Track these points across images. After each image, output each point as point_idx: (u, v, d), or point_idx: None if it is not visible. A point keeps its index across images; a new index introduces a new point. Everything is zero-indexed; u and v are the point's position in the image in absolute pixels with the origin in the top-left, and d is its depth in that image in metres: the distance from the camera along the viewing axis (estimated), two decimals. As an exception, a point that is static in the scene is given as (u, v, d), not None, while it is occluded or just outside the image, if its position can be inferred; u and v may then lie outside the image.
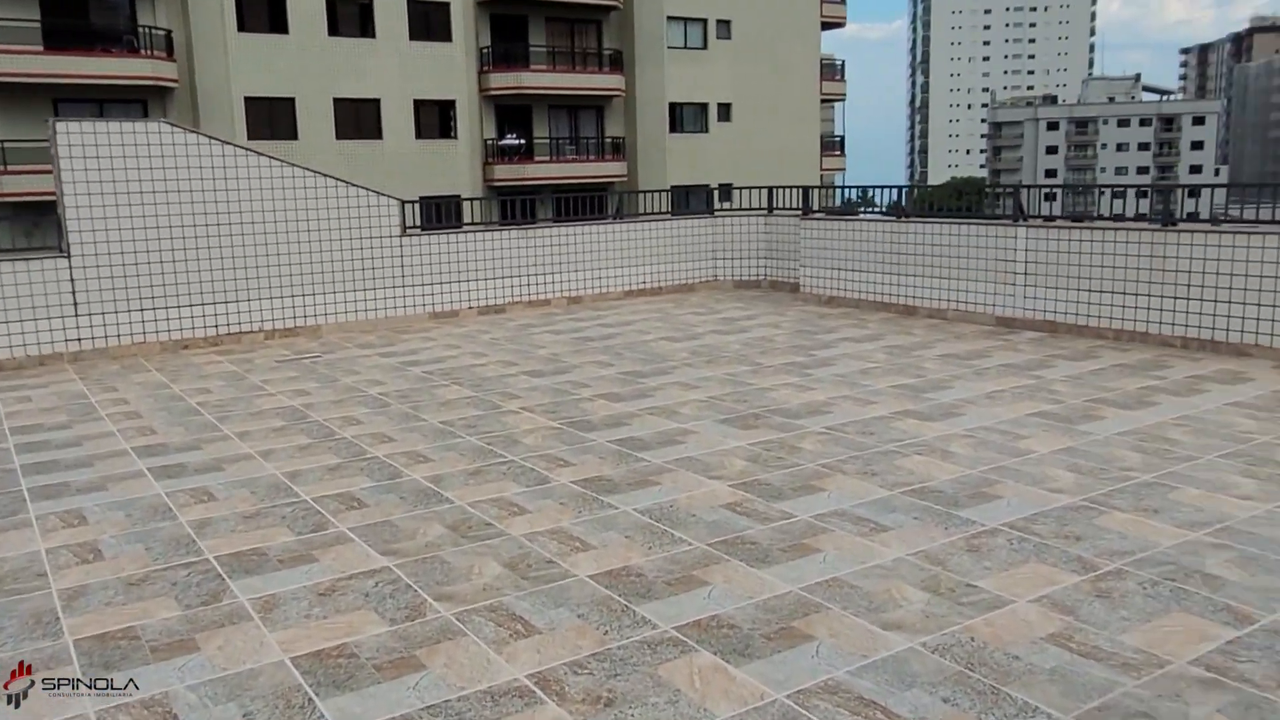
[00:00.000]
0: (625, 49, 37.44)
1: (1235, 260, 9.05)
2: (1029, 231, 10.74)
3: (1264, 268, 8.86)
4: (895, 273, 12.26)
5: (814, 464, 6.32)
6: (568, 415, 7.80)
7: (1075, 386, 8.20)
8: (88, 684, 3.75)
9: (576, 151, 38.27)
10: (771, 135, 40.09)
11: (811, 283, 13.54)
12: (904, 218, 12.23)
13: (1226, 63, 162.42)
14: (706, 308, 13.41)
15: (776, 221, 14.87)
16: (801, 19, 40.59)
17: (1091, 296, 10.22)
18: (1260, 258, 8.88)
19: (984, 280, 11.25)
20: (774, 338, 11.01)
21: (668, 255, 14.87)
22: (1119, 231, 9.92)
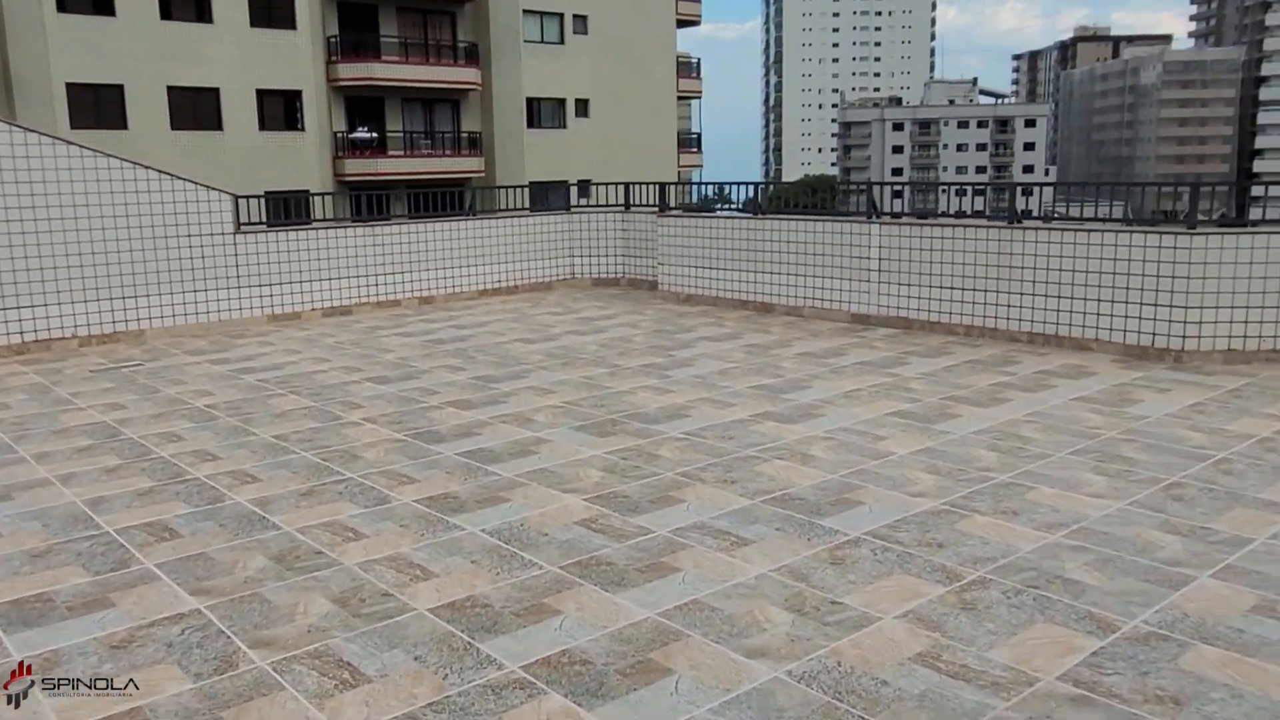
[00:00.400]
0: (481, 42, 36.63)
1: (1076, 257, 9.31)
2: (882, 229, 10.82)
3: (1102, 264, 9.13)
4: (752, 270, 12.19)
5: (673, 472, 6.04)
6: (414, 426, 7.30)
7: (931, 384, 8.23)
8: (88, 684, 3.69)
9: (432, 146, 37.23)
10: (629, 131, 40.03)
11: (670, 280, 13.36)
12: (760, 215, 12.17)
13: (1054, 69, 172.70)
14: (564, 307, 13.04)
15: (634, 218, 14.63)
16: (657, 16, 40.69)
17: (943, 293, 10.36)
18: (1099, 254, 9.15)
19: (839, 277, 11.28)
20: (632, 338, 10.74)
21: (524, 253, 14.42)
22: (968, 229, 10.09)
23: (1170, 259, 8.70)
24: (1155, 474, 5.82)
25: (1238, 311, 8.59)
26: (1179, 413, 7.18)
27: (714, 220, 12.65)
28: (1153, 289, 8.84)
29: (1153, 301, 8.85)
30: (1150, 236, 8.81)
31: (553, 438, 6.88)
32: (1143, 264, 8.87)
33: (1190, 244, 8.58)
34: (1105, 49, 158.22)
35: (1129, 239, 8.95)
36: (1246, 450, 6.25)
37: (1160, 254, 8.75)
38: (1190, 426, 6.82)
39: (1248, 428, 6.75)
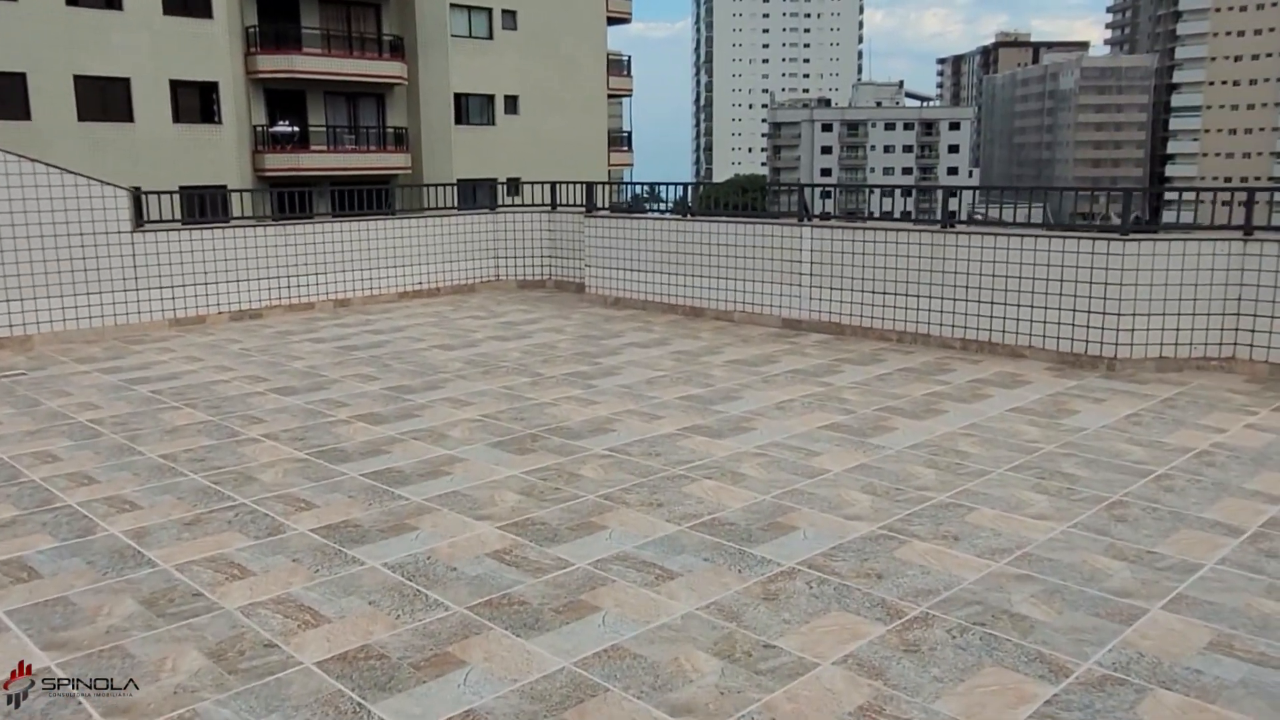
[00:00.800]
0: (407, 35, 35.77)
1: (1009, 262, 9.15)
2: (814, 232, 10.56)
3: (1035, 269, 8.98)
4: (682, 273, 11.85)
5: (595, 494, 5.64)
6: (318, 443, 6.77)
7: (864, 394, 7.96)
8: (88, 684, 3.65)
9: (356, 141, 36.27)
10: (559, 129, 39.54)
11: (597, 283, 12.95)
12: (689, 216, 11.83)
13: (977, 73, 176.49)
14: (487, 310, 12.54)
15: (560, 219, 14.18)
16: (587, 12, 40.23)
17: (875, 298, 10.14)
18: (1031, 259, 9.00)
19: (770, 281, 11.00)
20: (557, 344, 10.30)
21: (447, 254, 13.88)
22: (900, 233, 9.87)
23: (1103, 265, 8.57)
24: (1097, 491, 5.60)
25: (1169, 319, 8.50)
26: (1116, 424, 7.01)
27: (642, 221, 12.28)
28: (1085, 295, 8.71)
29: (1085, 308, 8.72)
30: (1083, 242, 8.68)
31: (468, 455, 6.42)
32: (1075, 269, 8.74)
33: (1123, 249, 8.46)
34: (1026, 54, 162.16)
35: (1061, 244, 8.81)
36: (1185, 465, 6.07)
37: (1093, 260, 8.62)
38: (1128, 439, 6.64)
39: (1185, 440, 6.60)
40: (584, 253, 13.19)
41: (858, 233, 10.17)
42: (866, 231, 10.10)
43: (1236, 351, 8.47)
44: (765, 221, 11.02)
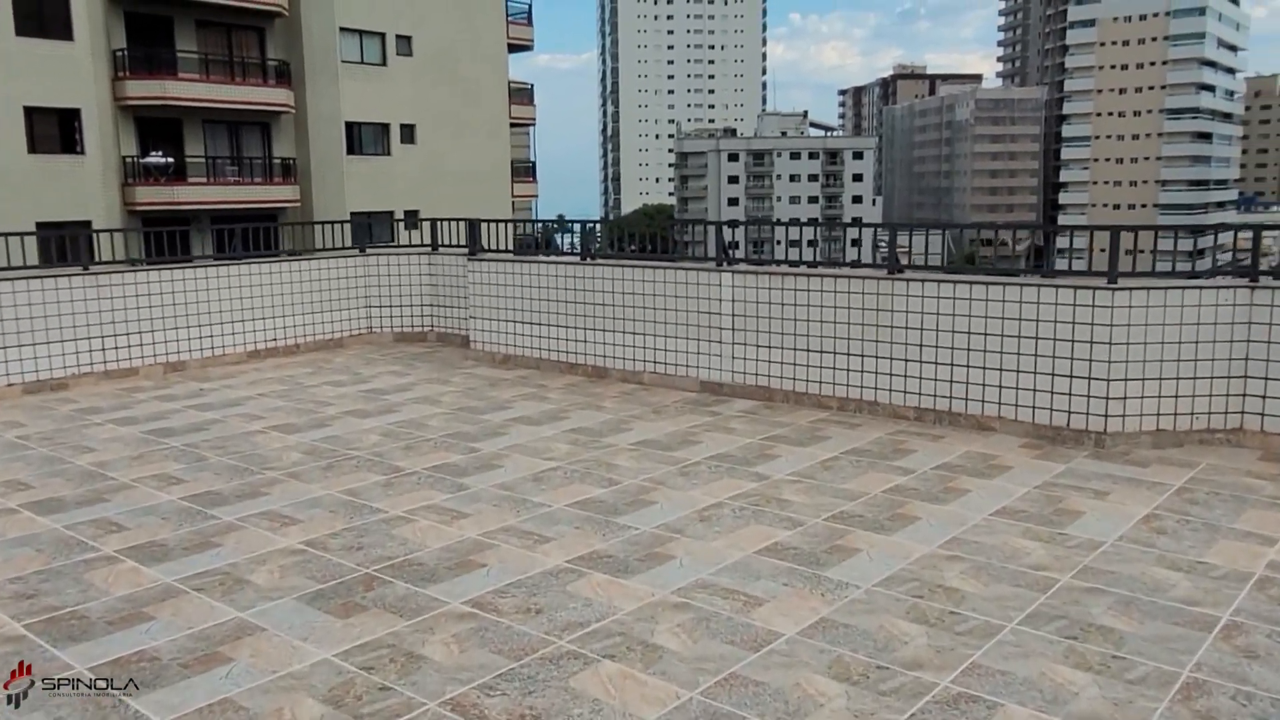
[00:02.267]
0: (294, 61, 33.51)
1: (972, 315, 7.60)
2: (735, 278, 8.89)
3: (1004, 325, 7.45)
4: (582, 327, 10.06)
5: (437, 700, 3.76)
6: (51, 602, 4.73)
7: (810, 493, 6.25)
8: (88, 684, 3.72)
9: (240, 173, 33.79)
10: (460, 159, 37.71)
11: (484, 338, 11.06)
12: (589, 260, 10.05)
13: (877, 104, 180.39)
14: (351, 374, 10.53)
15: (443, 261, 12.27)
16: (487, 39, 38.51)
17: (810, 358, 8.50)
18: (999, 313, 7.47)
19: (686, 337, 9.28)
20: (428, 421, 8.37)
21: (310, 303, 11.82)
22: (839, 279, 8.26)
23: (1086, 319, 7.07)
24: (1156, 661, 3.96)
25: (1166, 384, 7.04)
26: (1135, 534, 5.43)
27: (535, 266, 10.45)
28: (1065, 356, 7.20)
29: (1066, 371, 7.21)
30: (1062, 292, 7.17)
31: (265, 623, 4.46)
32: (1054, 325, 7.22)
33: (1111, 301, 6.97)
34: (923, 86, 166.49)
35: (1035, 294, 7.30)
36: (1253, 607, 4.49)
37: (1075, 313, 7.11)
38: (1160, 560, 5.06)
39: (1232, 559, 5.05)
40: (468, 302, 11.29)
41: (788, 279, 8.53)
42: (799, 278, 8.46)
43: (1244, 421, 7.05)
44: (678, 266, 9.30)
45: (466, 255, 11.27)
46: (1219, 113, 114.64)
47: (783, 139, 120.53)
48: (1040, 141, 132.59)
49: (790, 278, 8.49)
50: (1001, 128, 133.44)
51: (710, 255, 9.29)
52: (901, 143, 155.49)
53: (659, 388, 9.44)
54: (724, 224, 9.36)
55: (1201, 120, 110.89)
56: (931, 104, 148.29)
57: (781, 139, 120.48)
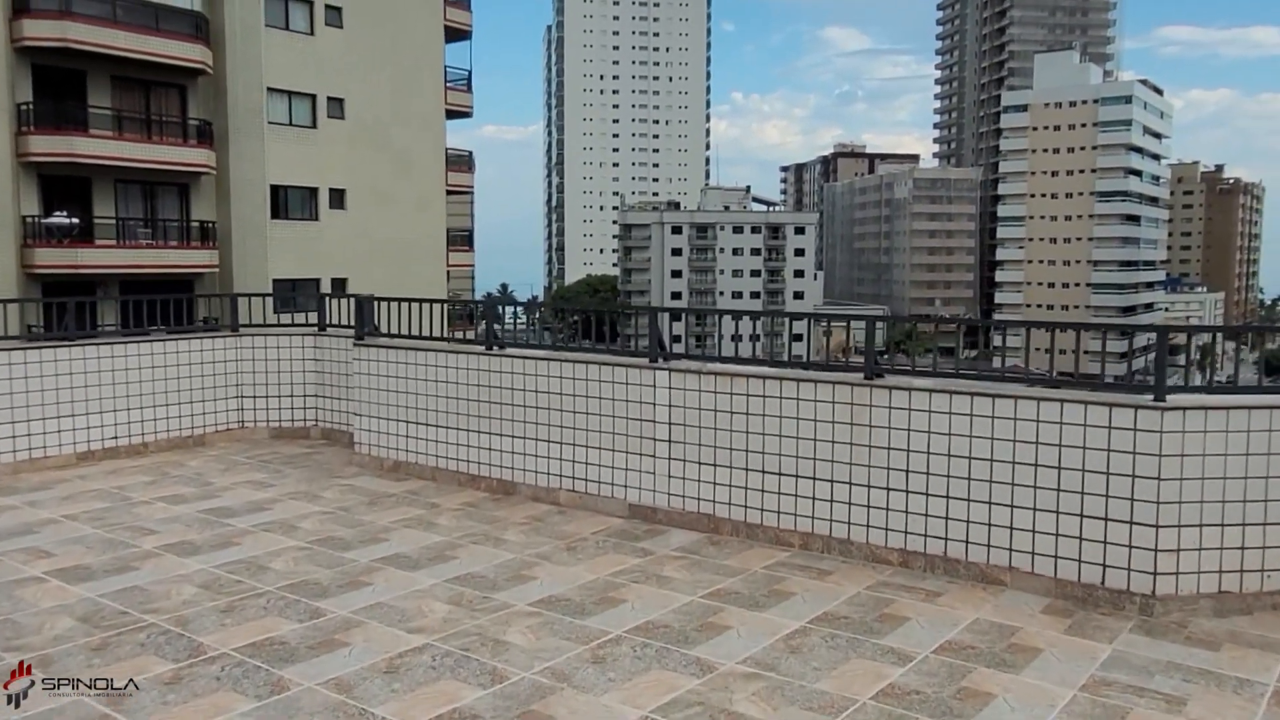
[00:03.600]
0: (217, 121, 31.72)
1: (975, 436, 5.92)
2: (673, 377, 7.14)
3: (1016, 448, 5.77)
4: (487, 431, 8.20)
5: None
6: None
7: (775, 699, 4.40)
8: (88, 684, 3.88)
9: (154, 236, 31.65)
10: (393, 226, 36.05)
11: (370, 440, 9.13)
12: (496, 349, 8.23)
13: (818, 180, 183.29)
14: (201, 484, 8.50)
15: (331, 344, 10.36)
16: (425, 104, 37.13)
17: (767, 480, 6.74)
18: (1010, 433, 5.79)
19: (612, 449, 7.47)
20: (272, 560, 6.40)
21: (167, 392, 9.81)
22: (803, 384, 6.55)
23: (1127, 445, 5.43)
24: None
25: (1230, 531, 5.41)
26: (1252, 787, 3.71)
27: (432, 355, 8.58)
28: (1099, 492, 5.54)
29: (1100, 512, 5.54)
30: (1094, 410, 5.53)
31: None
32: (1083, 451, 5.58)
33: (1160, 424, 5.35)
34: (862, 165, 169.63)
35: (1058, 410, 5.65)
36: None
37: (1112, 437, 5.47)
38: None
39: None
40: (353, 396, 9.36)
41: (739, 381, 6.81)
42: (753, 381, 6.74)
43: (1328, 580, 5.43)
44: (603, 360, 7.51)
45: (353, 339, 9.36)
46: (1146, 196, 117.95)
47: (726, 213, 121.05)
48: (976, 220, 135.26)
49: (743, 380, 6.76)
50: (939, 206, 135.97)
51: (643, 348, 7.53)
52: (842, 219, 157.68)
53: (578, 511, 7.58)
54: (656, 309, 7.60)
55: (1130, 203, 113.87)
56: (871, 182, 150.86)
57: (724, 213, 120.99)
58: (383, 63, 35.63)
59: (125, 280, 29.53)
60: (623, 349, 7.60)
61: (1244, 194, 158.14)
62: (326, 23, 34.87)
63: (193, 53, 30.60)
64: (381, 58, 35.60)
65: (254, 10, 32.02)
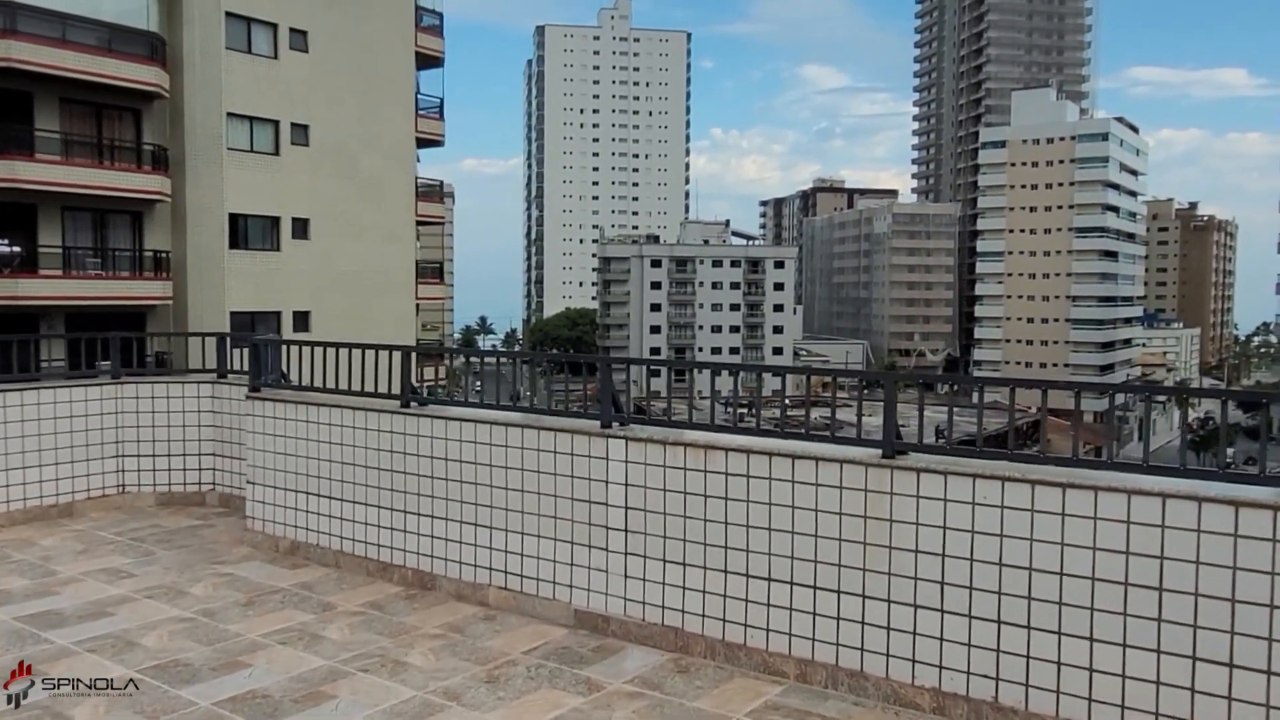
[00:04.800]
0: (174, 146, 30.11)
1: (1011, 534, 4.33)
2: (633, 448, 5.52)
3: (1098, 559, 4.18)
4: (403, 508, 6.53)
5: None
6: None
7: None
8: (87, 684, 3.94)
9: (104, 266, 29.92)
10: (359, 257, 34.45)
11: (265, 514, 7.43)
12: (411, 406, 6.58)
13: (797, 215, 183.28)
14: (41, 573, 6.76)
15: (233, 393, 8.67)
16: (394, 131, 35.63)
17: (754, 588, 5.11)
18: (1057, 532, 4.22)
19: (554, 537, 5.83)
20: (72, 710, 4.69)
21: (24, 451, 8.09)
22: (800, 461, 4.95)
23: (1263, 563, 3.87)
24: None
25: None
26: None
27: (337, 411, 6.92)
28: (1221, 626, 3.96)
29: (1221, 655, 3.96)
30: (1212, 510, 3.96)
31: None
32: (1194, 569, 4.00)
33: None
34: (841, 200, 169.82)
35: (1157, 509, 4.07)
36: None
37: (1240, 550, 3.90)
38: None
39: None
40: (246, 459, 7.68)
41: (717, 456, 5.19)
42: (736, 456, 5.12)
43: None
44: (543, 425, 5.88)
45: (247, 390, 7.67)
46: (1123, 233, 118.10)
47: (705, 247, 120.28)
48: (955, 256, 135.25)
49: (721, 454, 5.15)
50: (918, 241, 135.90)
51: (593, 409, 5.89)
52: (821, 253, 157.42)
53: (510, 616, 5.91)
54: (613, 359, 5.96)
55: (1108, 239, 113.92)
56: (850, 216, 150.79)
57: (704, 247, 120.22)
58: (350, 88, 34.20)
59: (72, 313, 27.97)
60: (568, 409, 5.95)
61: (1218, 231, 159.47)
62: (291, 46, 33.39)
63: (148, 75, 29.04)
64: (349, 83, 34.17)
65: (214, 32, 30.50)
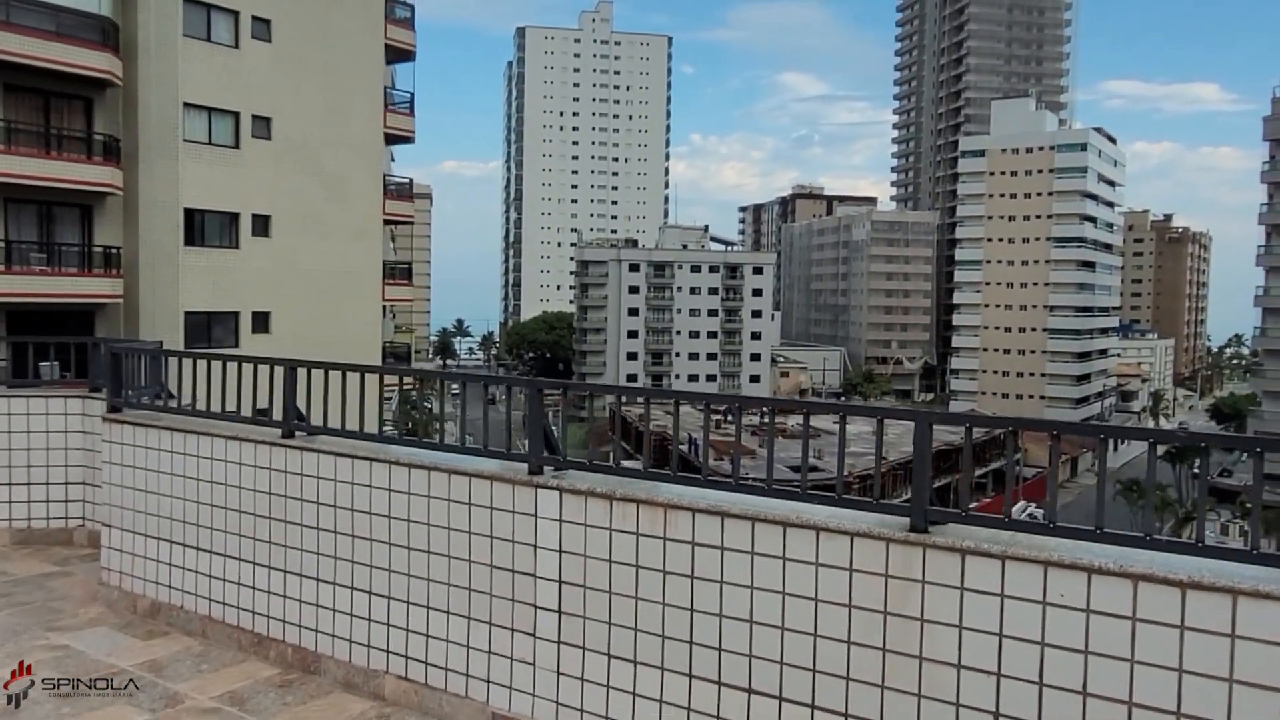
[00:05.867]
0: (126, 137, 28.50)
1: (1058, 645, 3.01)
2: (570, 502, 4.13)
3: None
4: (283, 566, 5.12)
5: None
6: None
7: None
8: (87, 684, 3.89)
9: (50, 262, 28.28)
10: (323, 256, 32.93)
11: (121, 564, 5.97)
12: (294, 435, 5.15)
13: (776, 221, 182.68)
14: None
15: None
16: (362, 126, 34.08)
17: (726, 700, 3.74)
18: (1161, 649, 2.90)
19: (469, 615, 4.43)
20: None
21: None
22: (795, 530, 3.59)
23: None
24: None
25: None
26: None
27: (207, 440, 5.48)
28: None
29: None
30: None
31: None
32: None
33: None
34: (820, 206, 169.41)
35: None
36: None
37: None
38: None
39: None
40: (102, 493, 6.22)
41: (680, 518, 3.81)
42: (704, 518, 3.75)
43: None
44: (455, 468, 4.47)
45: (104, 410, 6.20)
46: (1101, 243, 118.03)
47: (684, 251, 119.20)
48: (934, 264, 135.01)
49: (687, 516, 3.77)
50: (896, 249, 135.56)
51: (519, 448, 4.48)
52: (800, 260, 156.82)
53: (410, 716, 4.52)
54: (542, 383, 4.49)
55: (1086, 249, 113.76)
56: (829, 223, 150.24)
57: (682, 251, 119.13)
58: (316, 81, 32.68)
59: (14, 311, 26.43)
60: (486, 447, 4.51)
61: (1192, 243, 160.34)
62: (253, 35, 31.78)
63: (99, 62, 27.41)
64: (315, 75, 32.64)
65: (171, 18, 28.88)
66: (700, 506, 3.74)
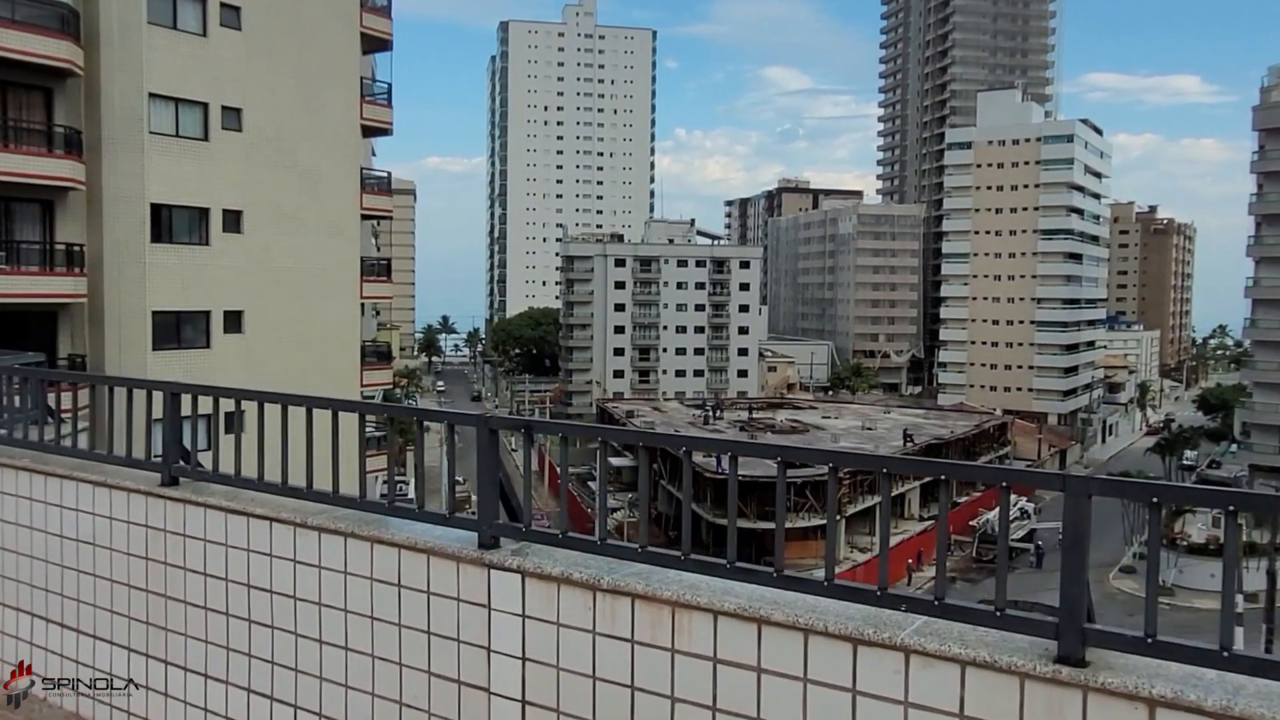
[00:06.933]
0: (89, 129, 27.07)
1: None
2: (536, 591, 2.97)
3: None
4: (163, 656, 3.93)
5: None
6: None
7: None
8: (87, 684, 3.70)
9: (8, 260, 26.90)
10: (298, 252, 31.62)
11: (-20, 643, 4.80)
12: (188, 482, 3.94)
13: (762, 215, 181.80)
14: None
15: None
16: (336, 117, 32.71)
17: None
18: None
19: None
20: None
21: None
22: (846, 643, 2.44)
23: None
24: None
25: None
26: None
27: (70, 485, 4.28)
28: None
29: None
30: None
31: None
32: None
33: None
34: (806, 200, 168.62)
35: None
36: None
37: None
38: None
39: None
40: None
41: (691, 620, 2.64)
42: (728, 623, 2.59)
43: None
44: (380, 538, 3.29)
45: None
46: (1088, 235, 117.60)
47: (670, 246, 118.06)
48: (920, 257, 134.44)
49: (707, 619, 2.61)
50: (883, 242, 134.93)
51: (467, 518, 3.27)
52: (786, 253, 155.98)
53: None
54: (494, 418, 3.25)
55: (1073, 241, 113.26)
56: (815, 217, 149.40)
57: (669, 246, 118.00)
58: (289, 70, 31.31)
59: (-34, 310, 25.01)
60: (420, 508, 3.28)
61: (1177, 234, 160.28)
62: (222, 23, 30.33)
63: (59, 50, 26.00)
64: (287, 64, 31.29)
65: (134, 5, 27.42)
66: (725, 608, 2.56)
